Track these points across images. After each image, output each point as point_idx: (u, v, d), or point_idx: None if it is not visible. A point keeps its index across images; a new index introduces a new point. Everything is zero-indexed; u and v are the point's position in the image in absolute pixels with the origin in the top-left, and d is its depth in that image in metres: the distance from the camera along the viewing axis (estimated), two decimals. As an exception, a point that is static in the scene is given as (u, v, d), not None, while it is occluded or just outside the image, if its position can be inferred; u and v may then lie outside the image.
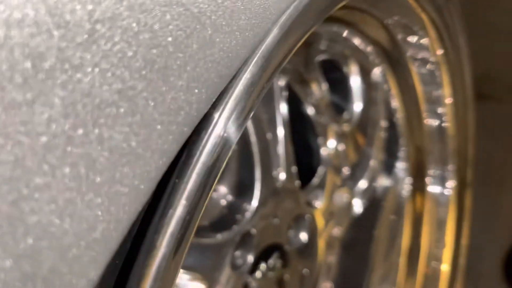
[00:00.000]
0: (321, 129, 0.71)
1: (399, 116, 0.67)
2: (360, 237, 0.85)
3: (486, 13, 2.01)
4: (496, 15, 1.98)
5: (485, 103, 1.54)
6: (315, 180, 0.70)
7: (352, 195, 0.76)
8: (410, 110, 0.66)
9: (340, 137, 0.74)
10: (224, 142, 0.28)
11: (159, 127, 0.26)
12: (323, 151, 0.72)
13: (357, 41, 0.60)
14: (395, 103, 0.67)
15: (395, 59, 0.62)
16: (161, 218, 0.27)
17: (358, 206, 0.80)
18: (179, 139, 0.27)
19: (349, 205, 0.76)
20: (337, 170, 0.72)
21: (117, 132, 0.25)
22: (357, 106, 0.76)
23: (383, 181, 0.79)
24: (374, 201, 0.81)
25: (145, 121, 0.26)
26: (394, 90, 0.65)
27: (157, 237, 0.27)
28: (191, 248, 0.44)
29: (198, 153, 0.27)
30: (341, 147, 0.74)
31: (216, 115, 0.30)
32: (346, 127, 0.75)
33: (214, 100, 0.30)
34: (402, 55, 0.61)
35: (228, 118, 0.30)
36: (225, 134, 0.29)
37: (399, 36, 0.59)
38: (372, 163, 0.77)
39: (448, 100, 0.66)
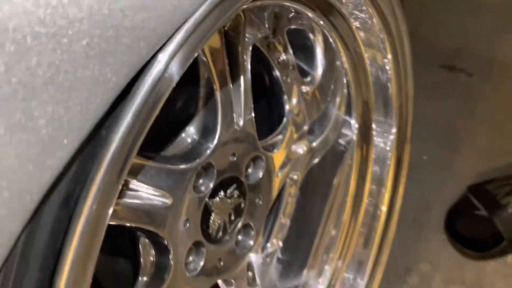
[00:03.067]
0: (287, 89, 0.84)
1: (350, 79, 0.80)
2: (319, 184, 0.99)
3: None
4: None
5: (456, 76, 1.66)
6: (277, 131, 0.84)
7: (310, 147, 0.90)
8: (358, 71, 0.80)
9: (302, 96, 0.87)
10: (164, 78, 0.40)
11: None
12: (287, 107, 0.85)
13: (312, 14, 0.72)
14: (346, 65, 0.80)
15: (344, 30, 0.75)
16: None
17: (316, 157, 0.94)
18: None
19: (306, 156, 0.90)
20: (297, 124, 0.86)
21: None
22: (319, 70, 0.89)
23: (341, 134, 0.92)
24: (333, 152, 0.94)
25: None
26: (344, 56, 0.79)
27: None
28: (160, 171, 0.58)
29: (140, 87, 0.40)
30: (303, 105, 0.87)
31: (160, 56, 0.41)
32: (308, 88, 0.88)
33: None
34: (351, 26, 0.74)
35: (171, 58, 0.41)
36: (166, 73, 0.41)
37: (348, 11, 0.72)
38: (330, 119, 0.90)
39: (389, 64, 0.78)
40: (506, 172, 1.30)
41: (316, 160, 0.94)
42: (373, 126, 0.85)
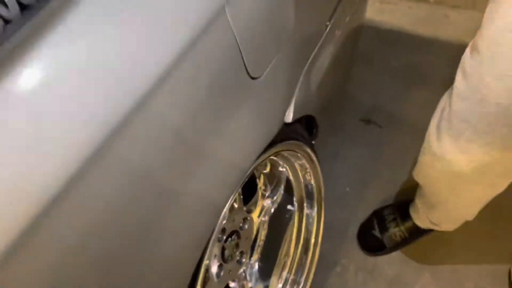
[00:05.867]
0: (258, 177, 1.59)
1: (292, 181, 1.56)
2: (279, 225, 1.74)
3: (386, 53, 2.76)
4: (394, 57, 2.73)
5: (371, 127, 2.37)
6: (253, 200, 1.58)
7: (272, 203, 1.65)
8: (296, 179, 1.55)
9: (266, 180, 1.61)
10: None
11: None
12: (258, 186, 1.60)
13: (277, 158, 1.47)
14: (290, 176, 1.55)
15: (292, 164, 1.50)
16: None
17: (276, 205, 1.69)
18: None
19: (271, 206, 1.65)
20: (264, 194, 1.60)
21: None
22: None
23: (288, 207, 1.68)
24: (285, 215, 1.70)
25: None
26: (290, 173, 1.54)
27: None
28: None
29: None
30: (265, 185, 1.62)
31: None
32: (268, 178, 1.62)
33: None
34: (295, 164, 1.49)
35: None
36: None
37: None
38: (280, 188, 1.65)
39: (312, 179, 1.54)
40: (399, 197, 2.05)
41: (275, 207, 1.69)
42: (305, 204, 1.61)
